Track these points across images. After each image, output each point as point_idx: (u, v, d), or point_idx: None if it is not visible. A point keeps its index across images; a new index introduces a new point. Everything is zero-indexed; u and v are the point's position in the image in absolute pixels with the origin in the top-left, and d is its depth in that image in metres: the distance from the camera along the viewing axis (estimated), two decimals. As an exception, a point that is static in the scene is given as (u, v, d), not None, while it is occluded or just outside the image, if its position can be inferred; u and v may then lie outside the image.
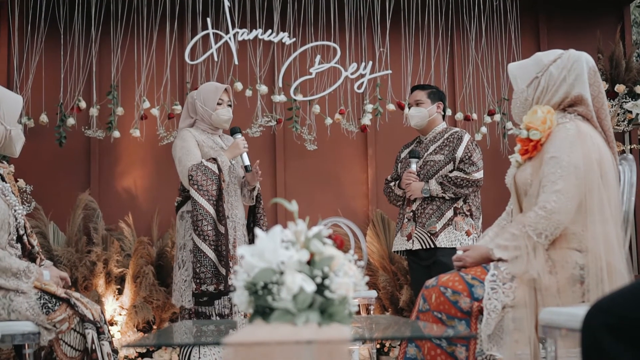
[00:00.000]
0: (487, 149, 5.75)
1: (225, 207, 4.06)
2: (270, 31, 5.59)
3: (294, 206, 1.79)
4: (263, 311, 1.71)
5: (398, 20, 5.87)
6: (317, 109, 5.64)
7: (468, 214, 4.44)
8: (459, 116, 5.88)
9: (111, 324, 5.30)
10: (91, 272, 5.36)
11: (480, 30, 5.96)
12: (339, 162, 6.11)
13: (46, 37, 5.62)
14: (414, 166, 4.48)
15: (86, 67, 5.69)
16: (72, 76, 5.63)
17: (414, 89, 4.69)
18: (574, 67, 2.79)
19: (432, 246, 4.37)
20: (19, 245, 3.16)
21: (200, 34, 5.53)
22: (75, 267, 5.34)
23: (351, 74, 5.70)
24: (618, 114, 5.68)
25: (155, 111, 5.51)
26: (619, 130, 5.72)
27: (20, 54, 5.64)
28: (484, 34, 5.96)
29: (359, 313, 4.93)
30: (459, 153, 4.43)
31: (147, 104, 5.52)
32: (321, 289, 1.71)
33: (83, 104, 5.52)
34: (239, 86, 5.51)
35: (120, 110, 5.55)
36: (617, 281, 2.48)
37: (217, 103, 4.19)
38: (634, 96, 5.73)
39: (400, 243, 4.53)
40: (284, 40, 5.63)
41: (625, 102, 5.70)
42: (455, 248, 4.21)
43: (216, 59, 5.55)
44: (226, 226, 3.99)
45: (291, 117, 5.66)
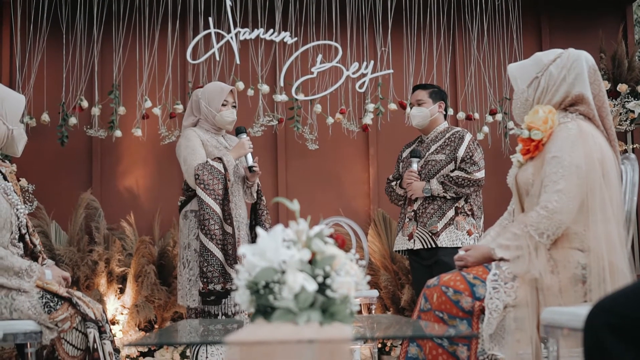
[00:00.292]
0: (488, 148, 5.75)
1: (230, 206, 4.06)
2: (271, 30, 5.59)
3: (295, 205, 1.79)
4: (265, 310, 1.71)
5: (400, 19, 5.87)
6: (318, 108, 5.64)
7: (469, 213, 4.44)
8: (460, 115, 5.88)
9: (113, 323, 5.31)
10: (93, 271, 5.36)
11: (482, 30, 5.95)
12: (340, 162, 6.11)
13: (48, 37, 5.62)
14: (415, 165, 4.48)
15: (88, 66, 5.69)
16: (74, 75, 5.64)
17: (415, 88, 4.68)
18: (574, 66, 2.79)
19: (434, 246, 4.37)
20: (21, 245, 3.16)
21: (202, 34, 5.53)
22: (77, 266, 5.35)
23: (353, 73, 5.70)
24: (620, 114, 5.67)
25: (157, 110, 5.52)
26: (621, 129, 5.71)
27: (22, 53, 5.64)
28: (486, 34, 5.96)
29: (360, 312, 4.93)
30: (461, 152, 4.43)
31: (148, 104, 5.52)
32: (323, 288, 1.71)
33: (85, 104, 5.52)
34: (240, 85, 5.51)
35: (122, 110, 5.55)
36: (619, 281, 2.47)
37: (222, 104, 4.19)
38: (636, 95, 5.73)
39: (402, 243, 4.53)
40: (285, 40, 5.63)
41: (627, 101, 5.70)
42: (456, 247, 4.22)
43: (218, 58, 5.55)
44: (233, 226, 3.99)
45: (293, 116, 5.66)
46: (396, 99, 5.77)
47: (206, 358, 4.00)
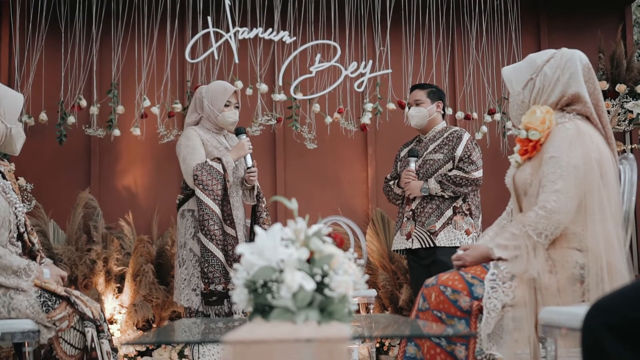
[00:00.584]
0: (487, 148, 5.75)
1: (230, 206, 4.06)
2: (270, 30, 5.59)
3: (293, 204, 1.79)
4: (263, 309, 1.71)
5: (398, 19, 5.87)
6: (317, 107, 5.64)
7: (467, 213, 4.44)
8: (459, 115, 5.88)
9: (111, 323, 5.31)
10: (91, 270, 5.36)
11: (481, 30, 5.95)
12: (338, 161, 6.11)
13: (47, 36, 5.61)
14: (412, 165, 4.48)
15: (87, 65, 5.69)
16: (73, 74, 5.63)
17: (413, 88, 4.68)
18: (568, 65, 2.79)
19: (432, 245, 4.37)
20: (19, 243, 3.16)
21: (201, 33, 5.53)
22: (75, 266, 5.34)
23: (351, 72, 5.70)
24: (619, 114, 5.67)
25: (155, 110, 5.51)
26: (619, 129, 5.71)
27: (21, 52, 5.64)
28: (485, 33, 5.96)
29: (358, 312, 4.93)
30: (459, 152, 4.43)
31: (147, 103, 5.51)
32: (321, 287, 1.71)
33: (83, 103, 5.52)
34: (239, 85, 5.50)
35: (120, 109, 5.55)
36: (617, 281, 2.47)
37: (225, 105, 4.19)
38: (635, 96, 5.73)
39: (400, 242, 4.53)
40: (284, 39, 5.63)
41: (626, 101, 5.70)
42: (454, 247, 4.22)
43: (217, 57, 5.55)
44: (235, 227, 3.99)
45: (291, 115, 5.66)
46: (395, 98, 5.76)
47: (198, 358, 4.00)
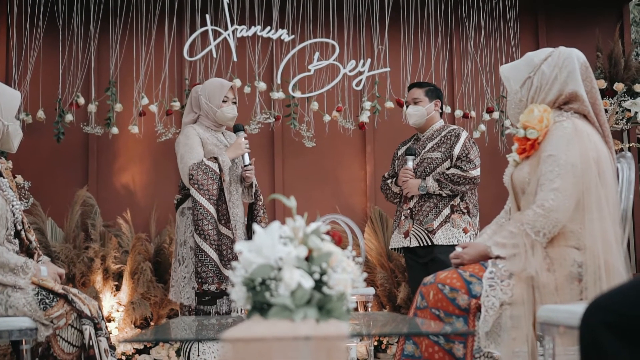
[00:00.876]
0: (485, 146, 5.75)
1: (227, 206, 4.05)
2: (269, 28, 5.58)
3: (292, 202, 1.79)
4: (261, 307, 1.71)
5: (397, 17, 5.87)
6: (315, 106, 5.64)
7: (465, 211, 4.44)
8: (458, 113, 5.88)
9: (109, 321, 5.30)
10: (89, 268, 5.36)
11: (479, 28, 5.96)
12: (337, 159, 6.10)
13: (45, 33, 5.61)
14: (410, 163, 4.48)
15: (85, 63, 5.68)
16: (71, 72, 5.62)
17: (411, 86, 4.68)
18: (565, 64, 2.79)
19: (430, 244, 4.37)
20: (16, 241, 3.16)
21: (199, 31, 5.53)
22: (72, 264, 5.34)
23: (350, 71, 5.70)
24: (617, 113, 5.68)
25: (153, 107, 5.51)
26: (617, 128, 5.72)
27: (18, 49, 5.63)
28: (483, 32, 5.96)
29: (356, 310, 4.93)
30: (456, 150, 4.44)
31: (145, 101, 5.51)
32: (319, 285, 1.71)
33: (81, 100, 5.51)
34: (237, 83, 5.49)
35: (118, 107, 5.54)
36: (615, 279, 2.47)
37: (223, 100, 4.18)
38: (633, 94, 5.73)
39: (398, 240, 4.53)
40: (282, 37, 5.63)
41: (624, 100, 5.70)
42: (452, 245, 4.22)
43: (215, 55, 5.54)
44: (230, 227, 3.98)
45: (289, 114, 5.66)
46: (393, 97, 5.76)
47: (197, 356, 3.99)
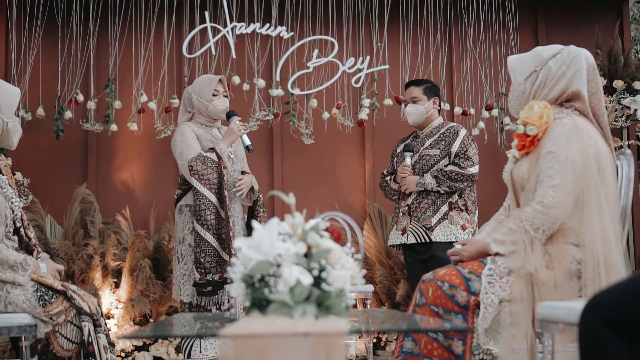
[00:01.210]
0: (484, 143, 5.75)
1: (227, 195, 4.08)
2: (268, 25, 5.58)
3: (291, 199, 1.79)
4: (260, 303, 1.71)
5: (396, 14, 5.86)
6: (314, 103, 5.64)
7: (463, 208, 4.44)
8: (457, 110, 5.88)
9: (108, 318, 5.30)
10: (88, 265, 5.36)
11: (479, 25, 5.95)
12: (336, 157, 6.10)
13: (44, 30, 5.60)
14: (408, 160, 4.48)
15: (84, 60, 5.67)
16: (70, 69, 5.62)
17: (408, 85, 4.66)
18: (573, 62, 2.79)
19: (427, 240, 4.37)
20: (15, 238, 3.16)
21: (198, 28, 5.52)
22: (72, 260, 5.34)
23: (349, 68, 5.69)
24: (616, 110, 5.68)
25: (152, 105, 5.51)
26: (616, 126, 5.72)
27: (18, 46, 5.63)
28: (482, 29, 5.96)
29: (355, 307, 4.94)
30: (455, 147, 4.43)
31: (144, 98, 5.51)
32: (318, 281, 1.71)
33: (81, 97, 5.51)
34: (236, 80, 5.50)
35: (117, 104, 5.54)
36: (614, 276, 2.47)
37: (213, 94, 4.20)
38: (632, 92, 5.73)
39: (396, 237, 4.53)
40: (281, 34, 5.62)
41: (623, 97, 5.70)
42: (450, 242, 4.22)
43: (214, 52, 5.54)
44: (227, 211, 4.00)
45: (288, 111, 5.66)
46: (392, 94, 5.76)
47: (200, 352, 4.00)
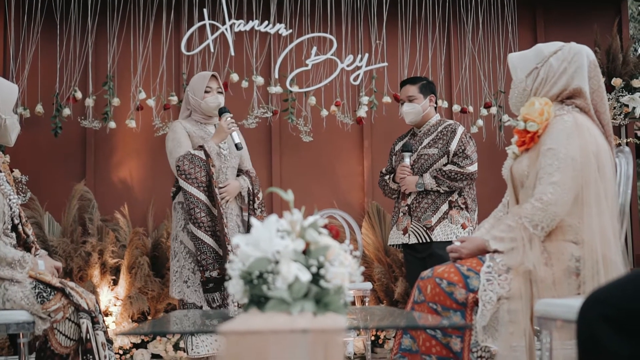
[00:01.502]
0: (483, 141, 5.75)
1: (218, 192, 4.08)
2: (266, 22, 5.57)
3: (289, 195, 1.79)
4: (258, 300, 1.71)
5: (395, 12, 5.86)
6: (312, 100, 5.63)
7: (463, 207, 4.44)
8: (455, 108, 5.88)
9: (106, 315, 5.30)
10: (86, 262, 5.35)
11: (477, 23, 5.95)
12: (334, 154, 6.10)
13: (42, 27, 5.59)
14: (407, 160, 4.47)
15: (82, 57, 5.67)
16: (68, 66, 5.61)
17: (404, 83, 4.62)
18: (575, 59, 2.79)
19: (428, 240, 4.37)
20: (13, 235, 3.15)
21: (197, 25, 5.51)
22: (70, 258, 5.33)
23: (347, 66, 5.69)
24: (614, 108, 5.68)
25: (151, 102, 5.50)
26: (615, 124, 5.72)
27: (16, 43, 5.62)
28: (481, 27, 5.96)
29: (354, 305, 4.94)
30: (453, 146, 4.42)
31: (143, 95, 5.51)
32: (316, 278, 1.71)
33: (79, 95, 5.50)
34: (235, 77, 5.49)
35: (116, 101, 5.53)
36: (612, 273, 2.47)
37: (206, 91, 4.22)
38: (631, 90, 5.74)
39: (396, 237, 4.53)
40: (280, 32, 5.61)
41: (621, 95, 5.70)
42: (451, 241, 4.21)
43: (212, 49, 5.53)
44: (219, 208, 4.01)
45: (287, 108, 5.65)
46: (390, 92, 5.76)
47: (192, 350, 4.03)
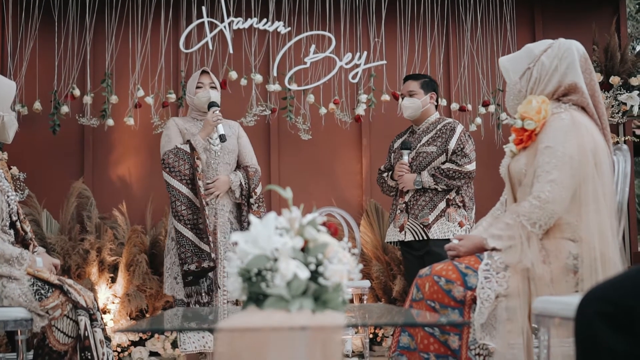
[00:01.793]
0: (481, 140, 5.75)
1: (202, 185, 4.13)
2: (265, 20, 5.57)
3: (288, 193, 1.79)
4: (257, 298, 1.71)
5: (393, 10, 5.86)
6: (311, 98, 5.63)
7: (461, 205, 4.44)
8: (454, 106, 5.88)
9: (104, 313, 5.29)
10: (84, 260, 5.35)
11: (476, 21, 5.95)
12: (333, 152, 6.10)
13: (40, 24, 5.59)
14: (405, 157, 4.47)
15: (80, 54, 5.66)
16: (67, 64, 5.61)
17: (406, 79, 4.67)
18: (565, 55, 2.79)
19: (425, 237, 4.38)
20: (12, 232, 3.15)
21: (195, 23, 5.51)
22: (68, 255, 5.33)
23: (346, 63, 5.69)
24: (612, 106, 5.68)
25: (149, 99, 5.50)
26: (613, 122, 5.72)
27: (14, 40, 5.61)
28: (479, 25, 5.96)
29: (352, 302, 4.94)
30: (452, 145, 4.43)
31: (141, 92, 5.50)
32: (315, 275, 1.71)
33: (77, 92, 5.50)
34: (233, 75, 5.49)
35: (114, 99, 5.53)
36: (610, 271, 2.48)
37: (197, 87, 4.31)
38: (629, 88, 5.74)
39: (393, 234, 4.53)
40: (279, 30, 5.61)
41: (619, 94, 5.71)
42: (448, 239, 4.22)
43: (211, 47, 5.52)
44: (202, 200, 4.05)
45: (285, 106, 5.65)
46: (389, 90, 5.76)
47: (179, 346, 4.10)
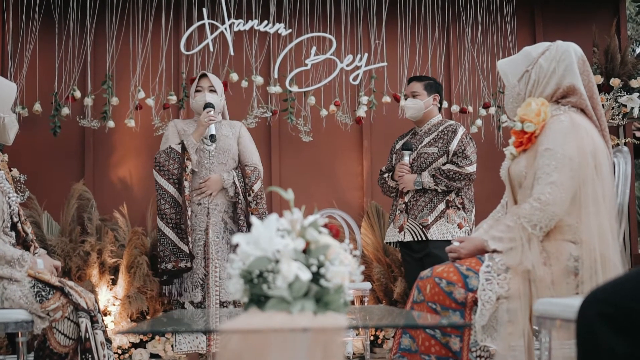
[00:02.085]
0: (482, 141, 5.75)
1: (191, 184, 4.19)
2: (266, 22, 5.57)
3: (289, 194, 1.79)
4: (258, 299, 1.71)
5: (394, 12, 5.86)
6: (312, 100, 5.63)
7: (460, 206, 4.45)
8: (454, 108, 5.88)
9: (105, 314, 5.29)
10: (85, 262, 5.35)
11: (476, 23, 5.95)
12: (334, 154, 6.10)
13: (41, 26, 5.59)
14: (406, 158, 4.48)
15: (81, 56, 5.66)
16: (67, 65, 5.61)
17: (410, 80, 4.69)
18: (563, 57, 2.80)
19: (424, 238, 4.38)
20: (13, 233, 3.15)
21: (196, 24, 5.51)
22: (69, 257, 5.33)
23: (347, 65, 5.69)
24: (613, 108, 5.68)
25: (150, 101, 5.50)
26: (613, 124, 5.72)
27: (14, 42, 5.61)
28: (480, 27, 5.96)
29: (353, 304, 4.94)
30: (453, 146, 4.43)
31: (142, 94, 5.50)
32: (317, 277, 1.71)
33: (78, 94, 5.50)
34: (234, 77, 5.49)
35: (115, 100, 5.53)
36: (611, 273, 2.48)
37: (197, 90, 4.41)
38: (629, 90, 5.74)
39: (392, 234, 4.54)
40: (279, 32, 5.61)
41: (620, 96, 5.71)
42: (447, 240, 4.23)
43: (212, 49, 5.53)
44: (185, 200, 4.08)
45: (286, 108, 5.65)
46: (390, 91, 5.76)
47: (173, 346, 4.13)
